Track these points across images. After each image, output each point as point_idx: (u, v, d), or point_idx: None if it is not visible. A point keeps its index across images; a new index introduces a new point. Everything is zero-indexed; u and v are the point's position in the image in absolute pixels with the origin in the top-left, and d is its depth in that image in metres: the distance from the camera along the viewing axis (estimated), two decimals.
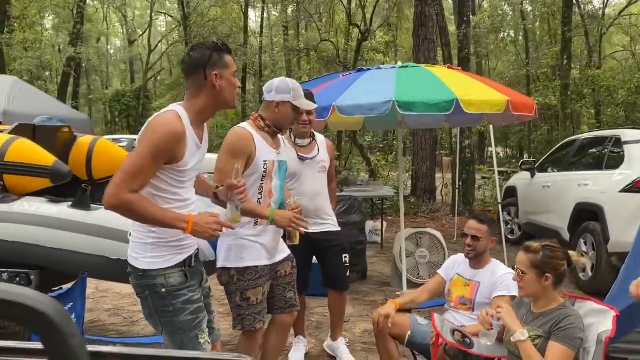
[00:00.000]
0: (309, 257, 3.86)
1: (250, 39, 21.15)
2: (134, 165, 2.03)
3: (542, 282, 2.44)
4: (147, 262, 2.18)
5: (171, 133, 2.06)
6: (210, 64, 2.16)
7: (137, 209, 2.04)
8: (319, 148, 3.77)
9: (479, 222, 3.17)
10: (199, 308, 2.26)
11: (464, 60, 11.58)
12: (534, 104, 5.12)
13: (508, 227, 8.89)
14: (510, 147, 29.77)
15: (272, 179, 2.91)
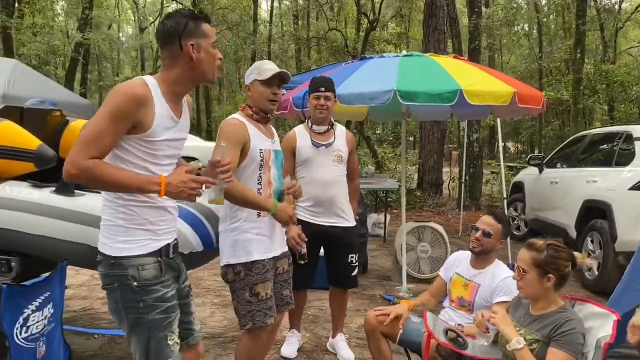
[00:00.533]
0: (317, 248, 3.73)
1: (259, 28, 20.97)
2: (91, 130, 1.86)
3: (544, 283, 2.31)
4: (118, 247, 2.00)
5: (129, 94, 1.89)
6: (185, 32, 1.99)
7: (98, 174, 1.85)
8: (336, 137, 3.66)
9: (495, 219, 3.02)
10: (171, 307, 2.07)
11: (474, 52, 11.37)
12: (542, 96, 4.95)
13: (514, 223, 8.74)
14: (521, 142, 29.50)
15: (270, 168, 2.83)
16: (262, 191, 2.80)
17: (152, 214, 2.05)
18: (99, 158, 1.87)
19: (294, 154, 3.65)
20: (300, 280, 3.73)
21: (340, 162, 3.66)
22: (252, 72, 2.84)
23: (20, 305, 2.43)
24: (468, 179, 11.13)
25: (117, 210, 2.00)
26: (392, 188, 7.57)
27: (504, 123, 24.61)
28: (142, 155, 1.98)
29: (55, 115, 3.97)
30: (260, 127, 2.83)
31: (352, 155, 3.80)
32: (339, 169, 3.65)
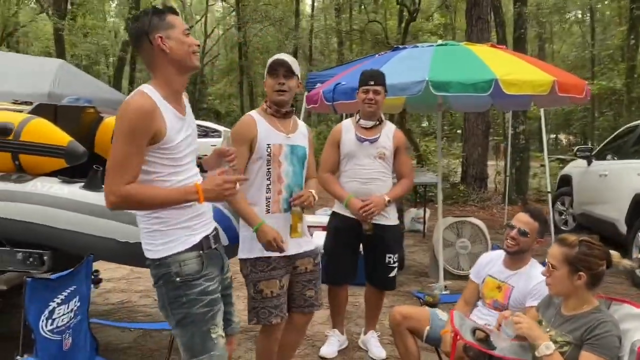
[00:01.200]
0: (356, 245, 3.70)
1: (301, 23, 20.98)
2: (117, 157, 1.91)
3: (574, 281, 2.17)
4: (159, 249, 2.06)
5: (138, 111, 1.91)
6: (151, 28, 1.99)
7: (139, 198, 1.93)
8: (383, 134, 3.57)
9: (531, 217, 2.86)
10: (214, 300, 2.11)
11: (519, 41, 10.99)
12: (584, 84, 4.69)
13: (562, 218, 8.44)
14: (573, 134, 28.46)
15: (280, 164, 2.78)
16: (272, 187, 2.77)
17: (183, 213, 2.08)
18: (134, 181, 1.93)
19: (338, 147, 3.62)
20: (339, 275, 3.68)
21: (383, 159, 3.55)
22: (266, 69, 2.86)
23: (45, 299, 2.47)
24: (514, 172, 10.79)
25: (150, 217, 2.06)
26: (431, 182, 7.40)
27: (555, 114, 23.84)
28: (166, 162, 2.02)
29: (89, 112, 4.05)
30: (274, 122, 2.81)
31: (401, 155, 3.65)
32: (381, 165, 3.55)
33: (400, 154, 3.64)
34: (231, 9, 27.91)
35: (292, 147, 2.83)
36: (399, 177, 3.70)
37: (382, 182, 3.56)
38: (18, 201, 3.08)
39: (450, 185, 11.96)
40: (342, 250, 3.62)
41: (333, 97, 4.57)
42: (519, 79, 4.22)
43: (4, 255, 3.16)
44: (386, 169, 3.58)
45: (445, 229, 5.73)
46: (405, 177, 3.68)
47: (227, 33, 29.24)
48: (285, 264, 2.82)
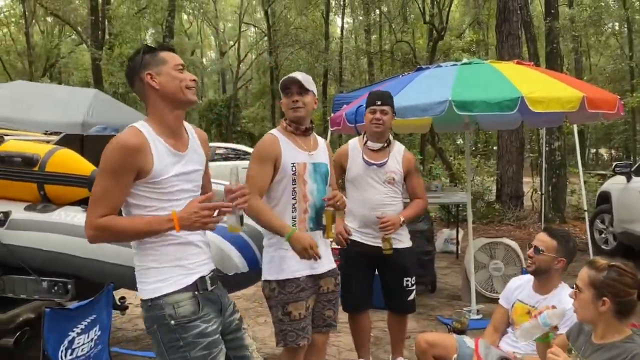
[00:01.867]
0: (370, 270, 3.61)
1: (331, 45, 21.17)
2: (97, 190, 1.93)
3: (598, 306, 2.05)
4: (152, 288, 1.99)
5: (121, 147, 1.91)
6: (142, 66, 2.00)
7: (114, 229, 1.91)
8: (391, 156, 3.48)
9: (548, 235, 2.82)
10: (214, 342, 2.02)
11: (552, 56, 10.77)
12: (616, 99, 4.53)
13: (602, 237, 8.12)
14: (614, 148, 27.63)
15: (305, 182, 2.76)
16: (297, 205, 2.74)
17: (179, 250, 2.03)
18: (111, 214, 1.92)
19: (343, 170, 3.55)
20: (356, 301, 3.61)
21: (393, 184, 3.47)
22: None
23: (65, 328, 2.50)
24: (551, 189, 10.49)
25: (146, 254, 2.02)
26: (463, 202, 7.25)
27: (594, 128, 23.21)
28: (154, 196, 1.99)
29: None
30: (295, 140, 2.79)
31: (413, 177, 3.55)
32: (391, 190, 3.47)
33: (412, 176, 3.56)
34: (263, 34, 28.41)
35: (315, 164, 2.82)
36: (413, 198, 3.61)
37: (393, 207, 3.47)
38: (43, 231, 3.15)
39: (486, 204, 11.70)
40: (357, 275, 3.54)
41: (355, 119, 4.54)
42: (545, 96, 4.11)
43: (30, 284, 3.22)
44: (396, 193, 3.50)
45: (477, 251, 5.58)
46: (420, 198, 3.60)
47: (260, 57, 29.72)
48: (312, 285, 2.80)
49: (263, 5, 23.79)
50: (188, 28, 33.79)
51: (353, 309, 3.63)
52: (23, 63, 26.63)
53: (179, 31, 25.28)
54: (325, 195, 2.83)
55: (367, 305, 3.64)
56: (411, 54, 17.35)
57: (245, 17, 31.05)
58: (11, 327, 3.24)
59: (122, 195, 1.96)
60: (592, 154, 30.52)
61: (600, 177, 13.96)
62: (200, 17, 28.58)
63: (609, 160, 28.15)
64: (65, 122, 6.61)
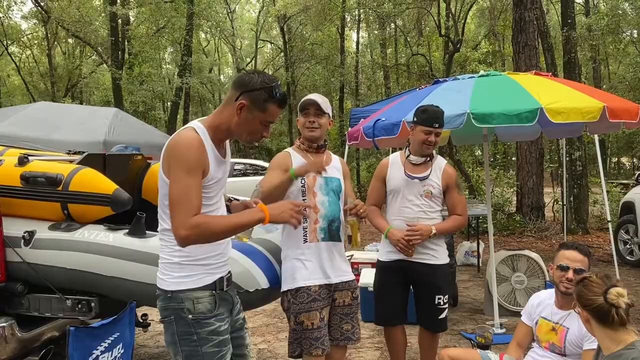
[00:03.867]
0: (405, 285, 3.56)
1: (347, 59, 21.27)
2: (180, 192, 1.94)
3: (582, 319, 2.18)
4: (175, 282, 2.07)
5: (194, 146, 1.98)
6: (250, 93, 2.03)
7: (210, 226, 1.94)
8: (433, 171, 3.44)
9: (580, 253, 2.76)
10: (224, 340, 2.13)
11: (569, 65, 10.67)
12: (637, 108, 4.46)
13: (627, 247, 7.97)
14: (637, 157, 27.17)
15: (315, 194, 2.86)
16: (309, 216, 2.83)
17: (206, 250, 2.11)
18: (198, 213, 1.96)
19: (383, 181, 3.55)
20: (388, 314, 3.57)
21: (431, 198, 3.41)
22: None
23: (89, 347, 2.52)
24: (572, 200, 10.35)
25: (173, 249, 2.09)
26: (483, 214, 7.18)
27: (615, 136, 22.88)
28: (203, 200, 2.05)
29: (137, 160, 4.20)
30: (307, 157, 2.92)
31: (453, 192, 3.47)
32: (427, 204, 3.41)
33: (452, 191, 3.47)
34: (279, 51, 28.67)
35: (327, 179, 2.89)
36: (452, 214, 3.55)
37: (428, 221, 3.41)
38: (67, 249, 3.19)
39: (506, 215, 11.57)
40: (390, 289, 3.52)
41: (373, 134, 4.54)
42: (565, 106, 4.06)
43: (54, 303, 3.26)
44: (432, 207, 3.43)
45: (499, 263, 5.51)
46: (459, 215, 3.52)
47: (276, 73, 29.97)
48: (325, 296, 2.83)
49: (279, 22, 24.05)
50: (206, 46, 34.25)
51: (384, 321, 3.59)
52: (45, 84, 27.24)
53: (196, 49, 25.61)
54: (338, 208, 2.89)
55: (399, 319, 3.57)
56: (427, 66, 17.34)
57: (262, 34, 31.42)
58: (36, 346, 3.27)
59: (201, 194, 2.00)
60: (614, 163, 30.04)
61: (623, 186, 13.73)
62: (217, 35, 28.93)
63: (631, 169, 27.68)
64: (87, 142, 6.74)
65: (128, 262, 3.04)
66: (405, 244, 3.29)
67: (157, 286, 2.15)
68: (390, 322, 3.58)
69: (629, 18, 20.35)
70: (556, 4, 21.06)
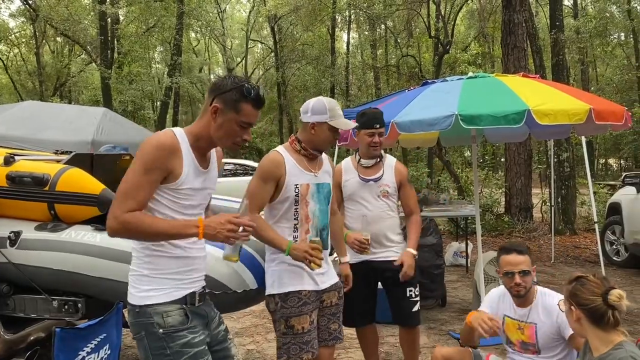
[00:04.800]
0: (372, 284, 3.61)
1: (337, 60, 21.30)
2: (127, 184, 1.93)
3: (571, 317, 2.15)
4: (142, 296, 2.02)
5: (159, 145, 1.96)
6: (223, 96, 2.02)
7: (139, 226, 1.91)
8: (385, 170, 3.50)
9: (519, 254, 2.72)
10: (200, 352, 2.06)
11: (558, 67, 10.77)
12: (623, 111, 4.52)
13: (613, 248, 8.05)
14: (623, 158, 27.46)
15: (307, 203, 2.77)
16: (299, 227, 2.75)
17: (178, 264, 2.07)
18: (138, 210, 1.93)
19: (340, 189, 3.57)
20: (362, 317, 3.61)
21: (387, 197, 3.49)
22: (321, 112, 2.75)
23: (75, 348, 2.51)
24: (560, 201, 10.43)
25: (143, 261, 2.05)
26: (471, 214, 7.22)
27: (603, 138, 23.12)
28: (171, 205, 2.03)
29: (125, 160, 4.17)
30: (302, 161, 2.79)
31: (405, 189, 3.57)
32: (385, 204, 3.49)
33: (405, 187, 3.57)
34: (270, 50, 28.67)
35: (319, 185, 2.82)
36: (406, 211, 3.61)
37: (389, 219, 3.49)
38: (54, 250, 3.16)
39: (494, 216, 11.64)
40: (358, 290, 3.48)
41: None
42: (552, 108, 4.10)
43: (40, 304, 3.24)
44: (390, 206, 3.51)
45: (487, 264, 5.54)
46: (413, 214, 3.59)
47: (267, 73, 29.96)
48: (315, 299, 2.80)
49: (270, 22, 24.04)
50: (196, 45, 34.18)
51: (353, 323, 3.62)
52: (33, 83, 27.04)
53: (186, 49, 25.54)
54: (328, 215, 2.87)
55: (368, 319, 3.63)
56: (417, 67, 17.41)
57: (252, 34, 31.39)
58: (22, 347, 3.24)
59: (150, 193, 1.98)
60: (601, 164, 30.34)
61: (610, 187, 13.86)
62: (207, 34, 28.89)
63: (618, 170, 27.98)
64: (74, 141, 6.68)
65: (115, 262, 3.02)
66: (360, 245, 3.29)
67: (127, 301, 2.09)
68: (361, 323, 3.62)
69: (616, 21, 20.59)
70: (545, 6, 21.25)
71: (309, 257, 2.59)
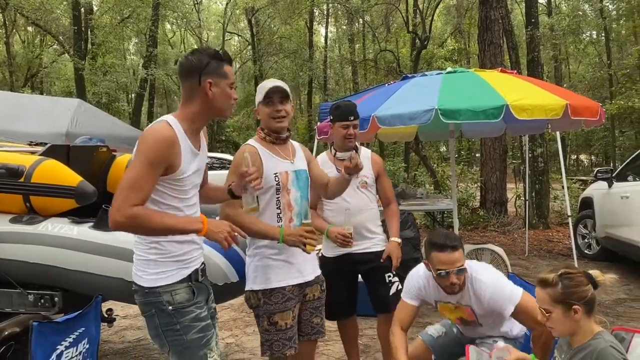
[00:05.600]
0: (353, 276, 3.63)
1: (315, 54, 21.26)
2: (131, 179, 1.95)
3: (572, 317, 2.10)
4: (151, 279, 2.11)
5: (161, 139, 1.99)
6: (206, 70, 2.09)
7: (145, 221, 1.95)
8: (362, 162, 3.51)
9: (454, 250, 2.58)
10: (207, 326, 2.18)
11: (533, 64, 10.93)
12: (598, 107, 4.62)
13: (585, 242, 8.23)
14: (594, 154, 28.07)
15: (289, 191, 2.76)
16: (283, 215, 2.73)
17: (180, 247, 2.15)
18: (141, 204, 1.97)
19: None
20: (343, 310, 3.63)
21: (366, 187, 3.51)
22: (257, 95, 2.77)
23: (53, 342, 2.46)
24: (534, 195, 10.62)
25: (148, 247, 2.13)
26: (448, 209, 7.30)
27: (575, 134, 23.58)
28: (173, 193, 2.10)
29: (102, 152, 4.11)
30: (275, 149, 2.77)
31: (382, 179, 3.61)
32: (365, 195, 3.51)
33: (382, 178, 3.61)
34: (247, 43, 28.46)
35: (296, 172, 2.81)
36: (384, 202, 3.64)
37: (368, 211, 3.50)
38: (29, 243, 3.11)
39: (470, 210, 11.80)
40: (338, 284, 3.53)
41: None
42: (530, 103, 4.17)
43: (15, 298, 3.18)
44: (370, 198, 3.54)
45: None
46: (391, 204, 3.64)
47: (244, 66, 29.73)
48: (297, 294, 2.80)
49: (247, 14, 23.85)
50: (171, 37, 33.73)
51: (335, 316, 3.64)
52: (3, 73, 26.32)
53: (162, 40, 25.19)
54: (308, 202, 2.86)
55: (349, 311, 3.66)
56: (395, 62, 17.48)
57: (229, 26, 31.09)
58: None
59: (154, 187, 2.02)
60: (573, 160, 30.96)
61: (581, 182, 14.16)
62: (183, 26, 28.51)
63: (589, 166, 28.57)
64: (49, 133, 6.54)
65: (93, 255, 2.99)
66: (343, 239, 3.28)
67: (133, 282, 2.16)
68: (342, 316, 3.64)
69: (588, 19, 20.98)
70: (520, 3, 21.53)
71: (304, 239, 2.61)
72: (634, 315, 5.26)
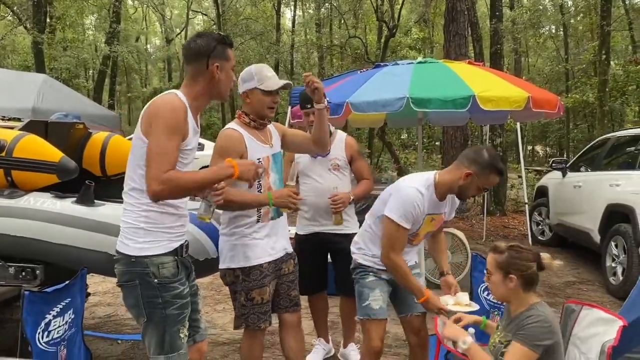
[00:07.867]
0: (323, 255, 3.81)
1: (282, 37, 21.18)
2: (159, 148, 2.06)
3: (507, 284, 2.34)
4: (139, 247, 2.16)
5: (178, 107, 2.13)
6: (214, 54, 2.22)
7: (182, 179, 2.09)
8: (334, 146, 3.64)
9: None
10: (186, 303, 2.27)
11: (496, 56, 11.28)
12: (557, 100, 4.91)
13: (539, 228, 8.65)
14: (549, 145, 29.06)
15: (269, 175, 2.88)
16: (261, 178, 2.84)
17: (170, 219, 2.24)
18: (172, 170, 2.09)
19: (290, 163, 3.73)
20: (314, 285, 3.79)
21: (338, 169, 3.64)
22: (250, 79, 2.80)
23: (42, 311, 2.54)
24: None
25: (139, 215, 2.18)
26: None
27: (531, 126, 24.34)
28: (179, 166, 2.18)
29: (78, 129, 4.11)
30: (257, 134, 2.86)
31: (357, 161, 3.74)
32: (337, 178, 3.64)
33: (356, 160, 3.74)
34: (212, 23, 28.00)
35: (274, 155, 2.93)
36: (361, 179, 3.78)
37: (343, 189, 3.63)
38: (11, 216, 3.13)
39: None
40: (310, 260, 3.67)
41: None
42: (495, 95, 4.40)
43: None
44: (342, 179, 3.66)
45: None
46: (368, 179, 3.78)
47: None
48: (273, 270, 2.91)
49: None
50: (133, 13, 32.87)
51: (309, 291, 3.80)
52: None
53: (124, 16, 24.53)
54: (283, 183, 3.01)
55: (321, 287, 3.84)
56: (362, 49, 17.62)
57: (193, 4, 30.53)
58: None
59: (177, 155, 2.13)
60: (529, 150, 31.97)
61: (537, 172, 14.74)
62: (145, 2, 27.82)
63: (544, 156, 29.57)
64: (14, 108, 6.44)
65: (77, 229, 3.03)
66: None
67: (117, 250, 2.21)
68: (312, 291, 3.81)
69: (548, 14, 21.59)
70: None
71: (292, 199, 2.76)
72: (582, 297, 5.63)
